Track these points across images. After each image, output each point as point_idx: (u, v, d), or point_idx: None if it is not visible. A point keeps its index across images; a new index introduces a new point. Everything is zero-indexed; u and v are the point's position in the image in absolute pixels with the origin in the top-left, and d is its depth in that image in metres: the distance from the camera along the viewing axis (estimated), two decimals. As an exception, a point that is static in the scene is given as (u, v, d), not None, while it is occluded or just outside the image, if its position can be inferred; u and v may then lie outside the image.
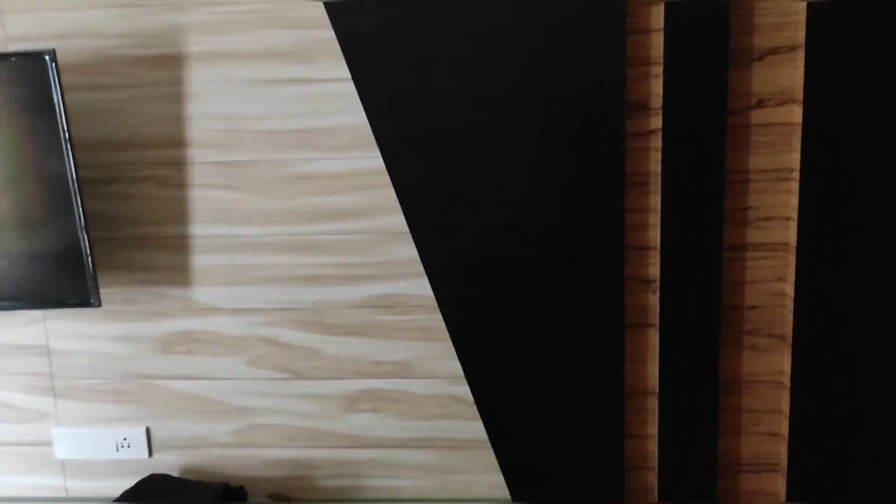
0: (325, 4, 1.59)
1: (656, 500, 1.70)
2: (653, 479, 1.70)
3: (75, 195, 1.57)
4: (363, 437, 1.80)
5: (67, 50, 1.66)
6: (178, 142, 1.70)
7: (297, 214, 1.71)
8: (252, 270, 1.74)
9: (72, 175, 1.56)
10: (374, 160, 1.65)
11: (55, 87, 1.51)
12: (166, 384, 1.81)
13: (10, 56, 1.53)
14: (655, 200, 1.58)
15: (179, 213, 1.73)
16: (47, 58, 1.50)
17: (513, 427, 1.70)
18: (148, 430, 1.84)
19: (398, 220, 1.67)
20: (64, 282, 1.65)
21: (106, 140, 1.70)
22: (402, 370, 1.75)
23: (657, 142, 1.56)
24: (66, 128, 1.53)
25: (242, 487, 1.76)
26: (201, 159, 1.70)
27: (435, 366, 1.74)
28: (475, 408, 1.72)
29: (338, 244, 1.71)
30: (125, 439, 1.84)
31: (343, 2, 1.57)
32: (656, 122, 1.55)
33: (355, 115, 1.64)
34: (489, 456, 1.75)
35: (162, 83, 1.68)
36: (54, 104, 1.52)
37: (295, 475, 1.83)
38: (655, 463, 1.68)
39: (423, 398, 1.76)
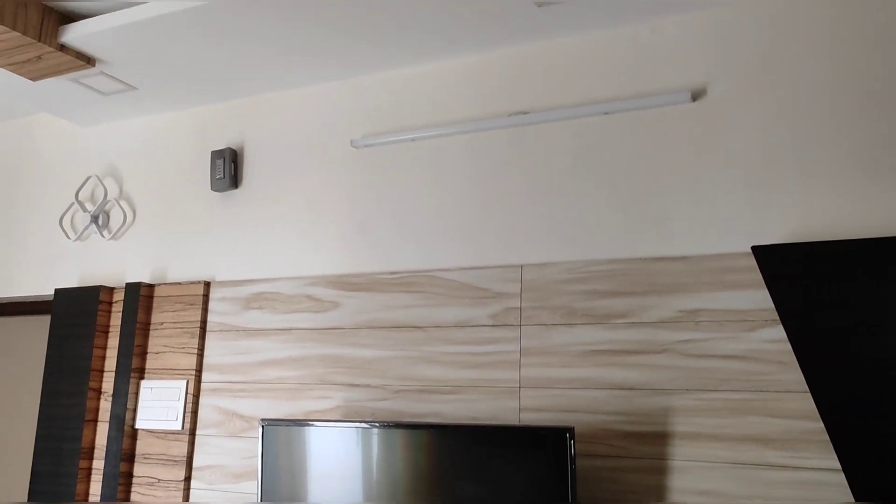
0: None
1: None
2: None
3: (574, 553, 1.78)
4: None
5: (569, 421, 1.99)
6: (659, 511, 1.87)
7: None
8: None
9: (574, 535, 1.78)
10: (864, 553, 1.64)
11: (570, 455, 1.81)
12: None
13: (538, 429, 1.89)
14: None
15: (656, 581, 1.84)
16: (567, 434, 1.82)
17: None
18: None
19: None
20: None
21: (592, 501, 1.93)
22: None
23: None
24: (574, 489, 1.79)
25: None
26: (680, 530, 1.84)
27: None
28: None
29: None
30: None
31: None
32: None
33: (843, 505, 1.68)
34: None
35: (648, 457, 1.90)
36: (567, 469, 1.81)
37: None
38: None
39: None
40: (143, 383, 2.60)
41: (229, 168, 2.66)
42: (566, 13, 2.13)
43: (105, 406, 2.63)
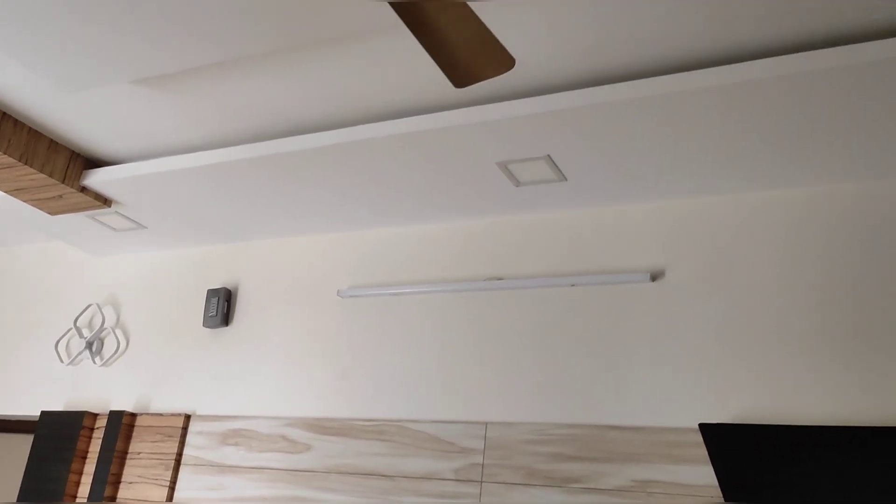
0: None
1: None
2: None
3: None
4: None
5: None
6: None
7: None
8: None
9: None
10: None
11: None
12: None
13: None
14: None
15: None
16: None
17: None
18: None
19: None
20: None
21: None
22: None
23: None
24: None
25: None
26: None
27: None
28: None
29: None
30: None
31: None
32: None
33: None
34: None
35: None
36: None
37: None
38: None
39: None
40: (113, 512, 2.64)
41: (223, 307, 2.81)
42: (540, 194, 2.36)
43: (72, 533, 2.66)
